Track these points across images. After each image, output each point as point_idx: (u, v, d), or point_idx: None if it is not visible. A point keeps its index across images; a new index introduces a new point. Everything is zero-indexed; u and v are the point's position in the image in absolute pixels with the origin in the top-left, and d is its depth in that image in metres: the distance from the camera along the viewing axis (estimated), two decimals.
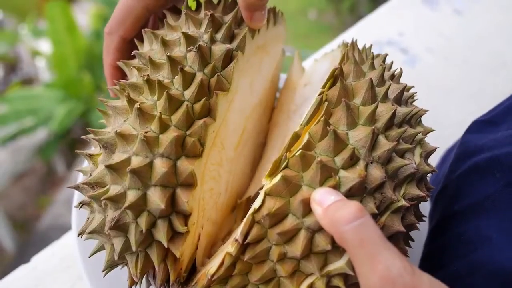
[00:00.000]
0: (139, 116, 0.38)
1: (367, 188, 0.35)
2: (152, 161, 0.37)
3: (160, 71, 0.41)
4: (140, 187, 0.37)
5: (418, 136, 0.40)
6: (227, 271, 0.37)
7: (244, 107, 0.49)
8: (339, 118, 0.37)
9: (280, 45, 0.58)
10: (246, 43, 0.44)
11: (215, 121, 0.41)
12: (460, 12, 1.05)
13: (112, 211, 0.38)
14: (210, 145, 0.41)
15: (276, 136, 0.56)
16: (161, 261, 0.39)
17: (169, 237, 0.38)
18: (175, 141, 0.37)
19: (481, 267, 0.40)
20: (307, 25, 4.03)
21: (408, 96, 0.44)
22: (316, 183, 0.35)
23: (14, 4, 3.66)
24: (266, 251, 0.36)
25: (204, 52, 0.41)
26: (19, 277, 0.61)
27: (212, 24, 0.43)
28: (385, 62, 0.46)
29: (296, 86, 0.59)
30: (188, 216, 0.39)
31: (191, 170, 0.38)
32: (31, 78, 3.26)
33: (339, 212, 0.31)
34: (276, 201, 0.35)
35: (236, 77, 0.43)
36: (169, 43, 0.42)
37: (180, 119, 0.38)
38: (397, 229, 0.36)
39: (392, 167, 0.37)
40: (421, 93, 0.87)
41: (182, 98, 0.39)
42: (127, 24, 0.47)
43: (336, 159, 0.35)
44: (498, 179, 0.42)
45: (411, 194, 0.38)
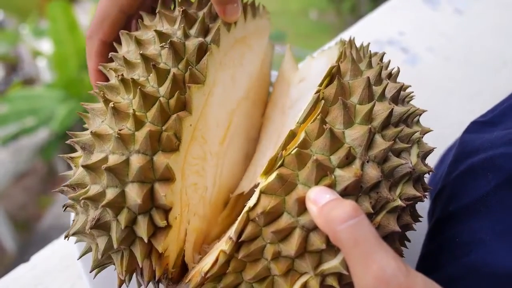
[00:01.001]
0: (114, 115, 0.39)
1: (363, 187, 0.35)
2: (128, 158, 0.37)
3: (135, 70, 0.42)
4: (118, 185, 0.37)
5: (415, 135, 0.40)
6: (221, 269, 0.37)
7: (226, 100, 0.49)
8: (336, 117, 0.37)
9: (264, 39, 0.58)
10: (221, 37, 0.44)
11: (191, 115, 0.41)
12: (461, 12, 1.05)
13: (93, 210, 0.38)
14: (189, 139, 0.41)
15: (271, 131, 0.56)
16: (144, 258, 0.39)
17: (150, 233, 0.38)
18: (149, 137, 0.37)
19: (475, 270, 0.40)
20: (308, 25, 4.03)
21: (405, 95, 0.43)
22: (311, 182, 0.35)
23: (16, 4, 3.66)
24: (261, 249, 0.36)
25: (177, 48, 0.41)
26: (18, 276, 0.61)
27: (186, 20, 0.43)
28: (382, 60, 0.46)
29: (290, 80, 0.58)
30: (168, 210, 0.39)
31: (166, 164, 0.38)
32: (32, 78, 3.27)
33: (334, 211, 0.31)
34: (271, 200, 0.35)
35: (212, 70, 0.44)
36: (144, 42, 0.43)
37: (155, 115, 0.39)
38: (392, 229, 0.36)
39: (388, 166, 0.37)
40: (421, 93, 0.87)
41: (157, 95, 0.40)
42: (105, 28, 0.48)
43: (332, 158, 0.35)
44: (490, 181, 0.42)
45: (407, 194, 0.37)
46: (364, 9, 3.68)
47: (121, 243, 0.38)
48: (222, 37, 0.45)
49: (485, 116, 0.52)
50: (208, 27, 0.44)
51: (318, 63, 0.53)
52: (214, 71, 0.44)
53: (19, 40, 3.11)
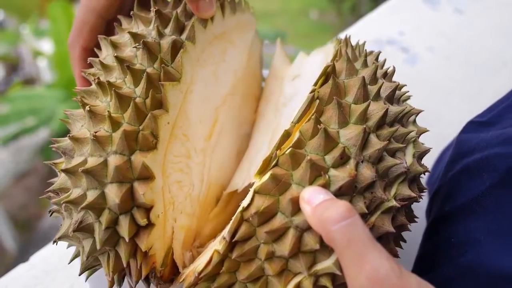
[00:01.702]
0: (91, 118, 0.39)
1: (357, 187, 0.35)
2: (106, 159, 0.37)
3: (113, 73, 0.42)
4: (98, 186, 0.38)
5: (410, 135, 0.40)
6: (214, 268, 0.37)
7: (209, 97, 0.49)
8: (331, 116, 0.37)
9: (248, 35, 0.58)
10: (196, 33, 0.44)
11: (168, 113, 0.41)
12: (461, 11, 1.05)
13: (76, 214, 0.38)
14: (167, 137, 0.42)
15: (264, 128, 0.55)
16: (129, 257, 0.39)
17: (132, 232, 0.38)
18: (124, 137, 0.37)
19: (471, 270, 0.39)
20: (308, 25, 4.03)
21: (400, 95, 0.43)
22: (305, 182, 0.34)
23: (16, 4, 3.66)
24: (255, 249, 0.36)
25: (151, 47, 0.41)
26: (18, 276, 0.61)
27: (160, 20, 0.44)
28: (378, 59, 0.45)
29: (283, 75, 0.58)
30: (149, 209, 0.39)
31: (143, 162, 0.38)
32: (32, 78, 3.27)
33: (327, 212, 0.31)
34: (265, 200, 0.35)
35: (189, 67, 0.44)
36: (120, 45, 0.44)
37: (131, 115, 0.39)
38: (386, 230, 0.36)
39: (382, 166, 0.36)
40: (421, 92, 0.87)
41: (134, 95, 0.40)
42: (84, 35, 0.48)
43: (326, 158, 0.35)
44: (485, 181, 0.42)
45: (402, 195, 0.37)
46: (365, 9, 3.68)
47: (104, 244, 0.38)
48: (197, 34, 0.45)
49: (482, 116, 0.52)
50: (184, 25, 0.44)
51: (313, 61, 0.53)
52: (191, 68, 0.44)
53: (20, 40, 3.12)
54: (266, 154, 0.47)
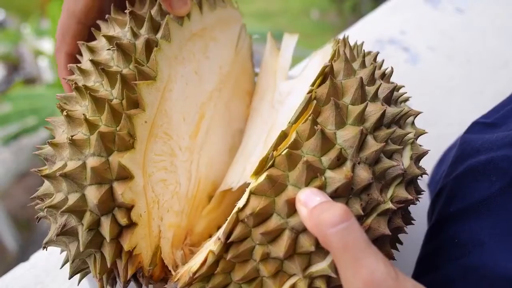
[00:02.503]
0: (69, 123, 0.40)
1: (354, 189, 0.35)
2: (84, 162, 0.38)
3: (91, 77, 0.42)
4: (78, 189, 0.38)
5: (408, 137, 0.40)
6: (209, 269, 0.37)
7: (193, 94, 0.49)
8: (328, 117, 0.37)
9: (233, 29, 0.57)
10: (172, 31, 0.44)
11: (145, 111, 0.41)
12: (462, 11, 1.05)
13: (60, 218, 0.39)
14: (146, 135, 0.42)
15: (259, 125, 0.55)
16: (113, 258, 0.39)
17: (114, 232, 0.38)
18: (100, 138, 0.38)
19: (473, 271, 0.39)
20: (309, 25, 4.03)
21: (398, 96, 0.43)
22: (301, 183, 0.34)
23: (17, 4, 3.67)
24: (250, 250, 0.36)
25: (125, 48, 0.41)
26: (18, 275, 0.61)
27: (135, 21, 0.44)
28: (376, 60, 0.45)
29: (275, 69, 0.58)
30: (130, 208, 0.39)
31: (118, 162, 0.38)
32: (33, 77, 3.27)
33: (324, 215, 0.31)
34: (260, 201, 0.35)
35: (165, 66, 0.44)
36: (97, 49, 0.44)
37: (107, 117, 0.39)
38: (382, 232, 0.36)
39: (379, 168, 0.36)
40: (422, 92, 0.87)
41: (110, 97, 0.40)
42: (67, 41, 0.49)
43: (323, 159, 0.35)
44: (494, 183, 0.42)
45: (399, 197, 0.37)
46: (366, 9, 3.68)
47: (88, 246, 0.38)
48: (173, 31, 0.45)
49: (487, 117, 0.52)
50: (159, 24, 0.44)
51: (312, 61, 0.53)
52: (168, 66, 0.44)
53: (21, 40, 3.11)
54: (262, 153, 0.47)
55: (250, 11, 3.79)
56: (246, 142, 0.56)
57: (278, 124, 0.49)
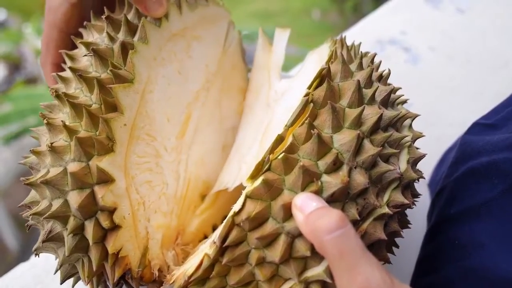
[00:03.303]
0: (50, 130, 0.40)
1: (350, 194, 0.35)
2: (65, 168, 0.38)
3: (72, 84, 0.43)
4: (60, 195, 0.38)
5: (404, 140, 0.40)
6: (205, 272, 0.37)
7: (176, 95, 0.49)
8: (324, 121, 0.37)
9: (219, 27, 0.57)
10: (149, 33, 0.44)
11: (123, 114, 0.41)
12: (463, 11, 1.05)
13: (46, 224, 0.39)
14: (126, 138, 0.42)
15: (254, 124, 0.55)
16: (100, 261, 0.39)
17: (97, 236, 0.38)
18: (79, 143, 0.38)
19: (473, 272, 0.39)
20: (310, 25, 4.03)
21: (395, 98, 0.43)
22: (298, 188, 0.34)
23: (19, 4, 3.67)
24: (245, 254, 0.35)
25: (102, 53, 0.41)
26: (18, 275, 0.61)
27: (112, 26, 0.44)
28: (373, 62, 0.45)
29: (269, 65, 0.57)
30: (113, 211, 0.39)
31: (96, 166, 0.38)
32: (34, 77, 3.27)
33: (320, 221, 0.31)
34: (256, 205, 0.34)
35: (143, 68, 0.44)
36: (77, 57, 0.44)
37: (86, 122, 0.39)
38: (378, 237, 0.36)
39: (376, 172, 0.36)
40: (423, 92, 0.87)
41: (90, 102, 0.40)
42: (51, 51, 0.49)
43: (319, 163, 0.35)
44: (496, 185, 0.42)
45: (395, 201, 0.37)
46: (367, 9, 3.68)
47: (73, 251, 0.38)
48: (151, 33, 0.45)
49: (488, 118, 0.52)
50: (137, 27, 0.44)
51: (309, 61, 0.52)
52: (146, 68, 0.44)
53: (22, 40, 3.12)
54: (258, 153, 0.47)
55: (250, 11, 3.79)
56: (241, 140, 0.56)
57: (274, 124, 0.49)
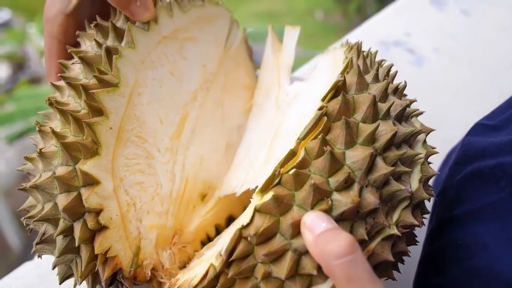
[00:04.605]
0: (42, 137, 0.42)
1: (360, 212, 0.34)
2: (54, 172, 0.39)
3: (65, 92, 0.44)
4: (51, 199, 0.40)
5: (417, 157, 0.39)
6: (210, 283, 0.37)
7: (169, 96, 0.50)
8: (338, 136, 0.36)
9: (218, 27, 0.57)
10: (136, 37, 0.45)
11: (108, 118, 0.42)
12: (468, 13, 1.04)
13: (41, 227, 0.41)
14: (113, 141, 0.42)
15: (263, 125, 0.54)
16: (89, 262, 0.40)
17: (84, 237, 0.39)
18: (64, 148, 0.39)
19: (479, 273, 0.39)
20: (314, 25, 4.02)
21: (410, 112, 0.42)
22: (307, 205, 0.34)
23: (23, 4, 3.68)
24: (251, 268, 0.35)
25: (89, 60, 0.42)
26: (22, 274, 0.61)
27: (101, 33, 0.45)
28: (389, 73, 0.44)
29: (279, 63, 0.57)
30: (99, 212, 0.40)
31: (79, 169, 0.39)
32: (38, 77, 3.28)
33: (329, 245, 0.31)
34: (265, 220, 0.34)
35: (129, 71, 0.44)
36: (69, 65, 0.45)
37: (74, 127, 0.40)
38: (385, 258, 0.35)
39: (387, 190, 0.36)
40: (427, 93, 0.87)
41: (79, 108, 0.41)
42: (54, 62, 0.50)
43: (330, 180, 0.34)
44: (503, 188, 0.41)
45: (404, 221, 0.37)
46: (370, 10, 3.67)
47: (64, 252, 0.40)
48: (138, 37, 0.45)
49: (490, 118, 0.52)
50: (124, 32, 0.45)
51: (322, 64, 0.52)
52: (134, 71, 0.45)
53: (26, 39, 3.13)
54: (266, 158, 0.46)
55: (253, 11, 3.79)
56: (250, 142, 0.55)
57: (284, 128, 0.49)
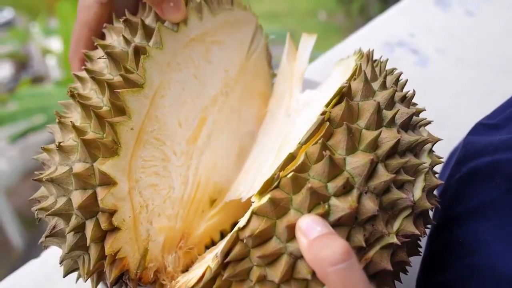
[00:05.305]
0: (61, 129, 0.42)
1: (358, 219, 0.34)
2: (71, 167, 0.39)
3: (88, 84, 0.44)
4: (65, 193, 0.39)
5: (422, 166, 0.38)
6: (206, 285, 0.36)
7: (190, 100, 0.49)
8: (339, 141, 0.36)
9: (243, 32, 0.56)
10: (164, 38, 0.44)
11: (131, 119, 0.41)
12: (472, 14, 1.04)
13: (52, 219, 0.41)
14: (133, 142, 0.42)
15: (273, 132, 0.54)
16: (97, 261, 0.39)
17: (96, 236, 0.39)
18: (84, 145, 0.38)
19: (480, 270, 0.39)
20: (316, 26, 4.02)
21: (417, 121, 0.41)
22: (304, 209, 0.33)
23: (26, 3, 3.69)
24: (247, 270, 0.35)
25: (116, 57, 0.42)
26: (28, 272, 0.61)
27: (130, 29, 0.44)
28: (398, 81, 0.43)
29: (293, 71, 0.56)
30: (113, 213, 0.40)
31: (98, 169, 0.39)
32: (41, 76, 3.28)
33: (324, 251, 0.30)
34: (261, 222, 0.34)
35: (155, 73, 0.44)
36: (94, 57, 0.45)
37: (94, 124, 0.40)
38: (384, 267, 0.35)
39: (387, 198, 0.35)
40: (431, 94, 0.87)
41: (101, 104, 0.41)
42: (81, 49, 0.50)
43: (329, 185, 0.34)
44: (499, 185, 0.41)
45: (405, 231, 0.36)
46: (373, 11, 3.67)
47: (74, 248, 0.39)
48: (166, 38, 0.44)
49: (491, 118, 0.52)
50: (154, 31, 0.44)
51: (335, 74, 0.51)
52: (160, 73, 0.44)
53: (29, 38, 3.13)
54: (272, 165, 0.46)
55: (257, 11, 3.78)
56: (260, 149, 0.55)
57: (292, 136, 0.48)
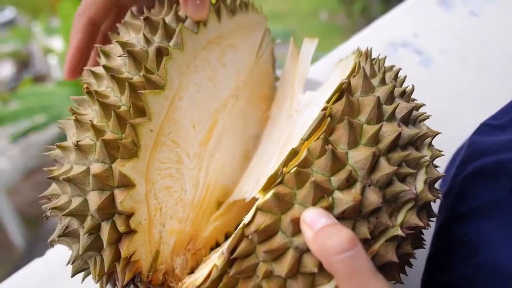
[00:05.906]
0: (78, 127, 0.40)
1: (362, 212, 0.34)
2: (88, 167, 0.38)
3: (104, 81, 0.43)
4: (81, 194, 0.39)
5: (423, 160, 0.38)
6: (213, 283, 0.36)
7: (204, 102, 0.49)
8: (341, 136, 0.36)
9: (254, 36, 0.56)
10: (185, 39, 0.43)
11: (151, 120, 0.41)
12: (476, 14, 1.04)
13: (64, 219, 0.40)
14: (151, 144, 0.41)
15: (275, 135, 0.54)
16: (111, 263, 0.39)
17: (112, 238, 0.38)
18: (104, 145, 0.38)
19: (484, 269, 0.39)
20: (318, 26, 4.02)
21: (417, 115, 0.42)
22: (308, 203, 0.34)
23: (28, 2, 3.69)
24: (253, 267, 0.35)
25: (137, 56, 0.41)
26: (32, 271, 0.61)
27: (150, 27, 0.43)
28: (397, 77, 0.44)
29: (295, 75, 0.56)
30: (130, 216, 0.39)
31: (119, 171, 0.38)
32: (43, 75, 3.28)
33: (329, 241, 0.30)
34: (266, 218, 0.34)
35: (175, 74, 0.43)
36: (112, 54, 0.44)
37: (113, 124, 0.39)
38: (390, 259, 0.35)
39: (390, 191, 0.35)
40: (435, 94, 0.87)
41: (119, 104, 0.40)
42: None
43: (332, 179, 0.34)
44: (504, 184, 0.41)
45: (409, 223, 0.36)
46: (375, 11, 3.67)
47: (87, 249, 0.39)
48: (187, 39, 0.44)
49: (496, 118, 0.52)
50: (174, 31, 0.44)
51: (335, 74, 0.51)
52: (180, 74, 0.43)
53: (31, 38, 3.13)
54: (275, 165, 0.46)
55: None
56: (263, 151, 0.55)
57: (293, 136, 0.48)
